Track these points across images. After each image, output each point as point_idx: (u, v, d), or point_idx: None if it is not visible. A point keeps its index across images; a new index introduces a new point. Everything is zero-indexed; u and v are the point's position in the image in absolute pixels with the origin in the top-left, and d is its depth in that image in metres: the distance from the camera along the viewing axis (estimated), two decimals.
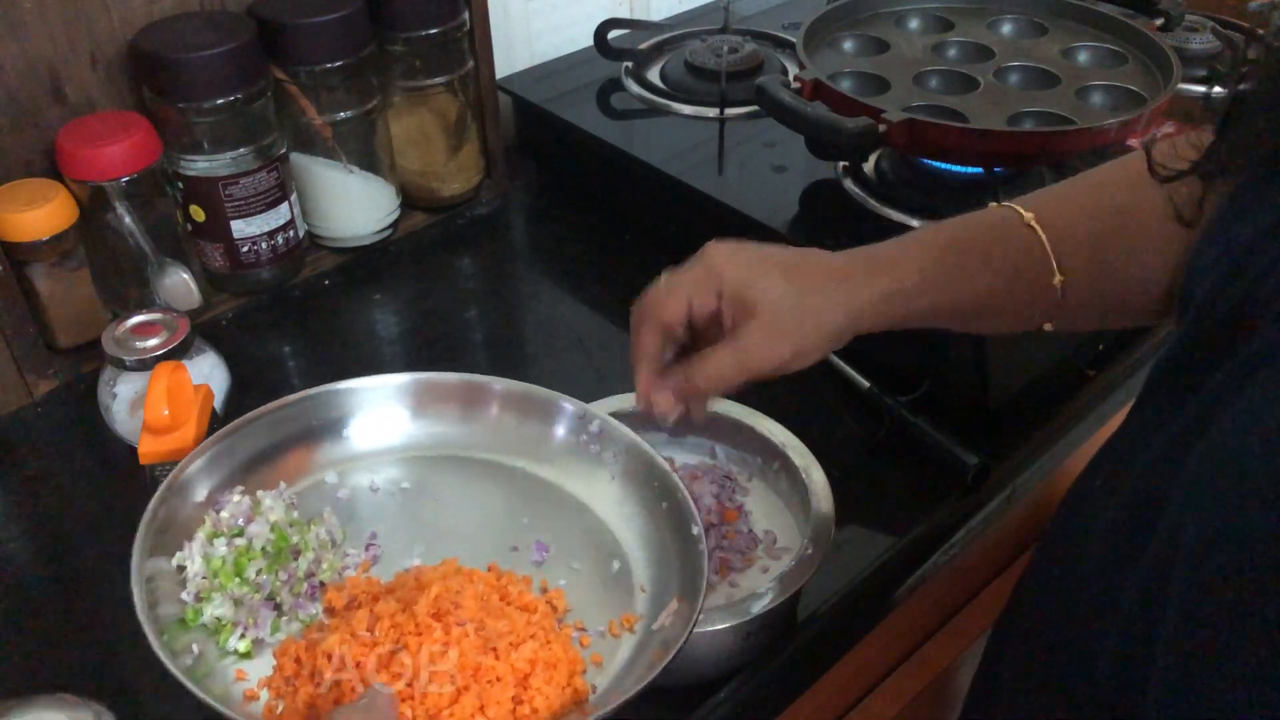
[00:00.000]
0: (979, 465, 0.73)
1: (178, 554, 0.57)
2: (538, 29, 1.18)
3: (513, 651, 0.53)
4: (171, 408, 0.64)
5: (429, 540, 0.62)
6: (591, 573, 0.61)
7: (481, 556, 0.61)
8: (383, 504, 0.64)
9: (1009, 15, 0.98)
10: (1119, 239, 0.61)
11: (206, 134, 0.84)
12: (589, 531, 0.63)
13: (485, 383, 0.67)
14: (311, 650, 0.53)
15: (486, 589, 0.57)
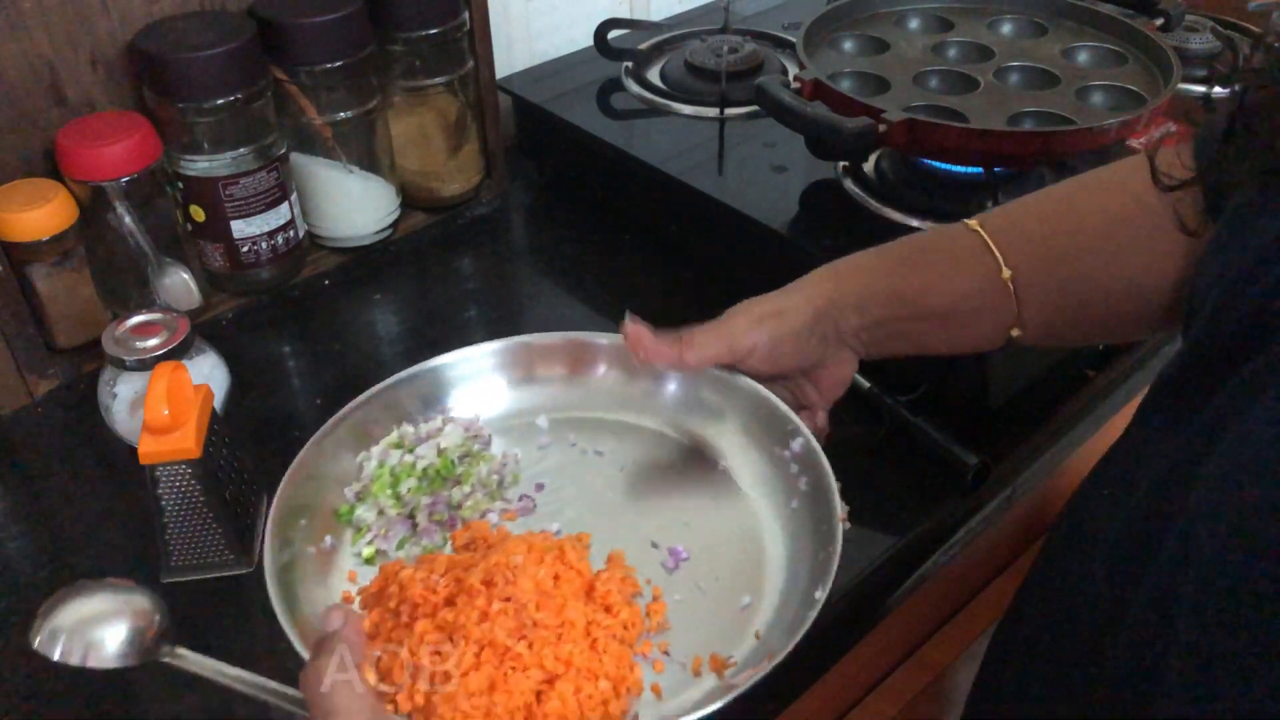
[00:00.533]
0: (979, 465, 0.73)
1: (361, 453, 0.63)
2: (538, 29, 1.18)
3: (549, 647, 0.50)
4: (171, 408, 0.64)
5: (582, 508, 0.62)
6: (715, 599, 0.58)
7: (618, 541, 0.60)
8: (564, 463, 0.65)
9: (1009, 15, 0.98)
10: (1073, 238, 0.62)
11: (206, 134, 0.84)
12: (741, 553, 0.60)
13: None
14: (396, 577, 0.54)
15: (549, 574, 0.53)
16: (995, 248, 0.61)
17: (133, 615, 0.51)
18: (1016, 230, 0.63)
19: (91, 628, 0.50)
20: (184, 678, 0.64)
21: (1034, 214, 0.64)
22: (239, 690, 0.50)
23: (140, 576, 0.70)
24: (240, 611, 0.67)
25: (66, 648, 0.49)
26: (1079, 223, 0.62)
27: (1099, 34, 0.95)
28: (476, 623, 0.50)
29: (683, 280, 0.94)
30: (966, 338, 0.64)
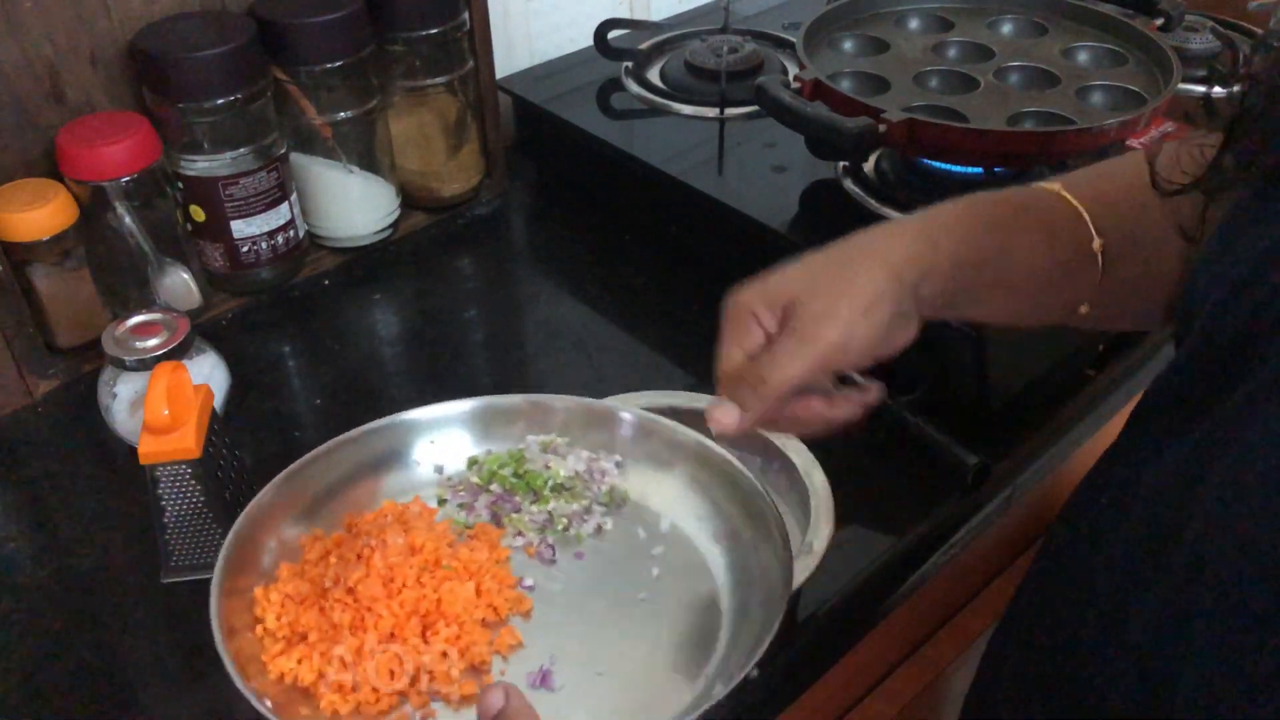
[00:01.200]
0: (979, 465, 0.73)
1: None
2: (538, 29, 1.18)
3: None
4: (171, 408, 0.64)
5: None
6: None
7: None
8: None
9: (1009, 15, 0.98)
10: (1148, 218, 0.59)
11: (206, 134, 0.84)
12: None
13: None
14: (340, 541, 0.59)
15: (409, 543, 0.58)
16: (1089, 217, 0.58)
17: None
18: (1103, 202, 0.59)
19: None
20: (186, 675, 0.64)
21: (1115, 188, 0.61)
22: None
23: (140, 576, 0.70)
24: None
25: None
26: (1151, 198, 0.58)
27: (1099, 34, 0.95)
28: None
29: (683, 280, 0.94)
30: (1037, 309, 0.61)
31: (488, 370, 0.89)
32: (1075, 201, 0.59)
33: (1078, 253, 0.58)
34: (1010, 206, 0.59)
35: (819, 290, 0.53)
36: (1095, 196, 0.60)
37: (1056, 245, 0.58)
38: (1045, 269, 0.58)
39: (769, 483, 0.70)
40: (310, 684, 0.53)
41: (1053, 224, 0.58)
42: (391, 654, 0.53)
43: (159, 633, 0.68)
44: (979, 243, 0.56)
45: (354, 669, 0.53)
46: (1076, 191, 0.59)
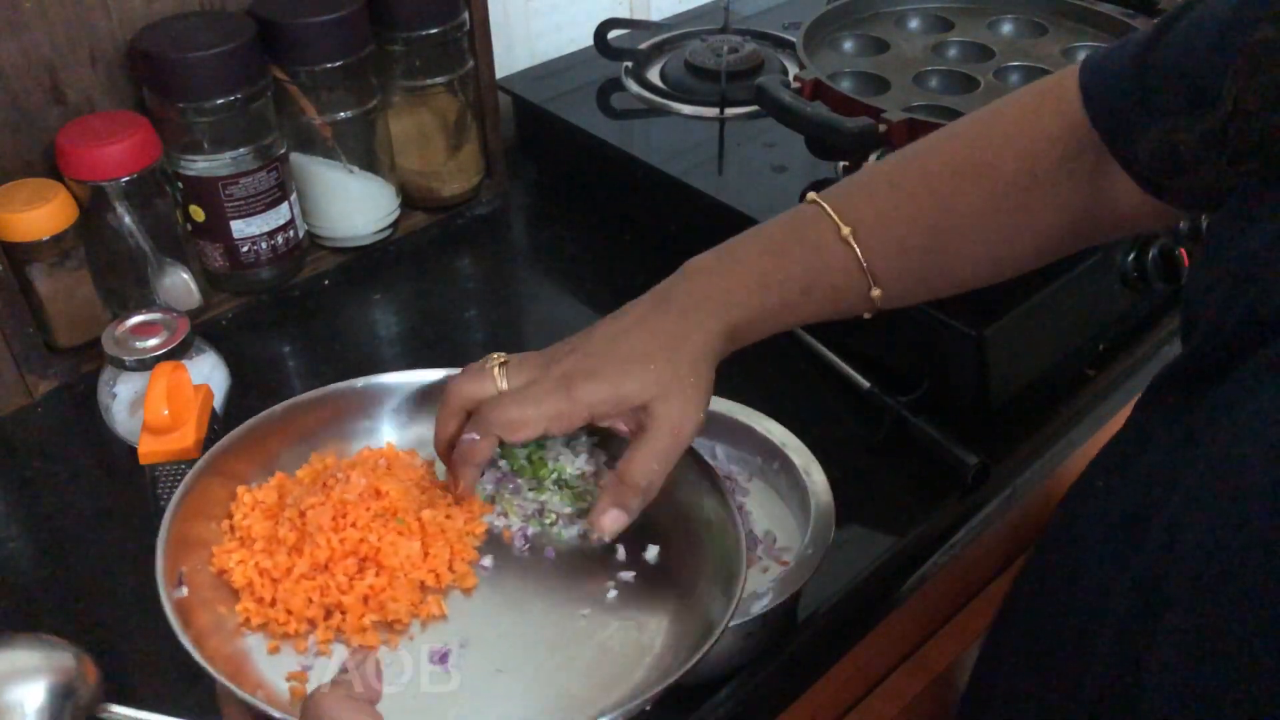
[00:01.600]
0: (979, 465, 0.73)
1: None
2: (538, 29, 1.18)
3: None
4: (171, 408, 0.64)
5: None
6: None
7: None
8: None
9: (1009, 15, 0.98)
10: (943, 239, 0.63)
11: (206, 134, 0.84)
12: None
13: None
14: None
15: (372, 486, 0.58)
16: (868, 270, 0.61)
17: (53, 673, 0.48)
18: (890, 244, 0.62)
19: (6, 685, 0.47)
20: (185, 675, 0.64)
21: (907, 215, 0.62)
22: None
23: (140, 576, 0.70)
24: None
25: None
26: (954, 220, 0.62)
27: (1099, 34, 0.95)
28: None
29: None
30: (830, 310, 0.64)
31: None
32: (859, 252, 0.61)
33: (859, 296, 0.62)
34: (797, 286, 0.61)
35: (670, 393, 0.56)
36: (881, 242, 0.61)
37: (838, 303, 0.63)
38: (829, 316, 0.64)
39: (769, 482, 0.70)
40: (239, 587, 0.54)
41: (838, 288, 0.62)
42: (315, 583, 0.54)
43: (159, 632, 0.67)
44: (773, 321, 0.62)
45: (276, 586, 0.54)
46: (863, 237, 0.61)
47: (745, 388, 0.75)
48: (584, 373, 0.56)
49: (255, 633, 0.54)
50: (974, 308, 0.75)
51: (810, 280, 0.61)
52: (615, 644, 0.54)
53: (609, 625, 0.55)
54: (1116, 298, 0.83)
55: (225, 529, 0.57)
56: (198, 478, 0.57)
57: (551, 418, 0.56)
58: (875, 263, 0.61)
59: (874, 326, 0.81)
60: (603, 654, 0.54)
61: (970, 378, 0.76)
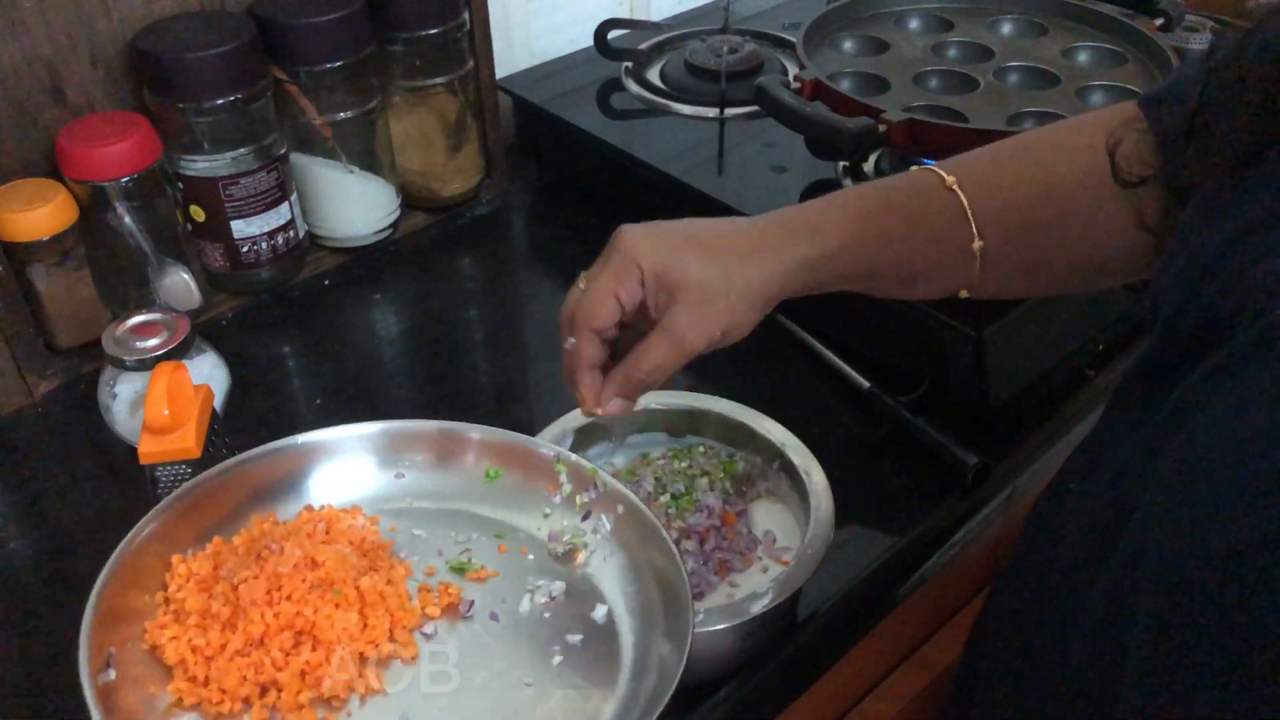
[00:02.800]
0: (979, 465, 0.73)
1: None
2: (538, 29, 1.18)
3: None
4: (171, 408, 0.64)
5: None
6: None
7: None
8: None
9: (1009, 15, 0.98)
10: (1045, 205, 0.62)
11: (206, 134, 0.84)
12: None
13: (461, 431, 0.63)
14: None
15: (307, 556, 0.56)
16: (972, 217, 0.60)
17: None
18: (994, 197, 0.61)
19: None
20: None
21: (1011, 175, 0.63)
22: None
23: None
24: None
25: None
26: (1052, 187, 0.62)
27: (1099, 34, 0.95)
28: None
29: None
30: (913, 294, 0.64)
31: (487, 370, 0.89)
32: (964, 199, 0.60)
33: (960, 252, 0.61)
34: (899, 217, 0.61)
35: (702, 299, 0.56)
36: (987, 192, 0.61)
37: (937, 249, 0.61)
38: (924, 270, 0.62)
39: (770, 484, 0.70)
40: (172, 664, 0.53)
41: (938, 229, 0.61)
42: (249, 660, 0.52)
43: None
44: (863, 257, 0.60)
45: (209, 664, 0.52)
46: (969, 187, 0.61)
47: (745, 388, 0.75)
48: (637, 238, 0.57)
49: (188, 713, 0.52)
50: (974, 308, 0.75)
51: (911, 210, 0.61)
52: (559, 716, 0.53)
53: (552, 696, 0.54)
54: (1116, 298, 0.83)
55: (160, 601, 0.56)
56: (131, 545, 0.55)
57: (613, 285, 0.56)
58: (979, 212, 0.60)
59: (874, 326, 0.81)
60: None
61: (970, 378, 0.76)
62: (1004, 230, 0.61)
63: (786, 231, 0.59)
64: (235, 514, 0.60)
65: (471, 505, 0.63)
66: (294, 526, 0.59)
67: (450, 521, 0.62)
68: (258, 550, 0.56)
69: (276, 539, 0.57)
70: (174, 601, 0.55)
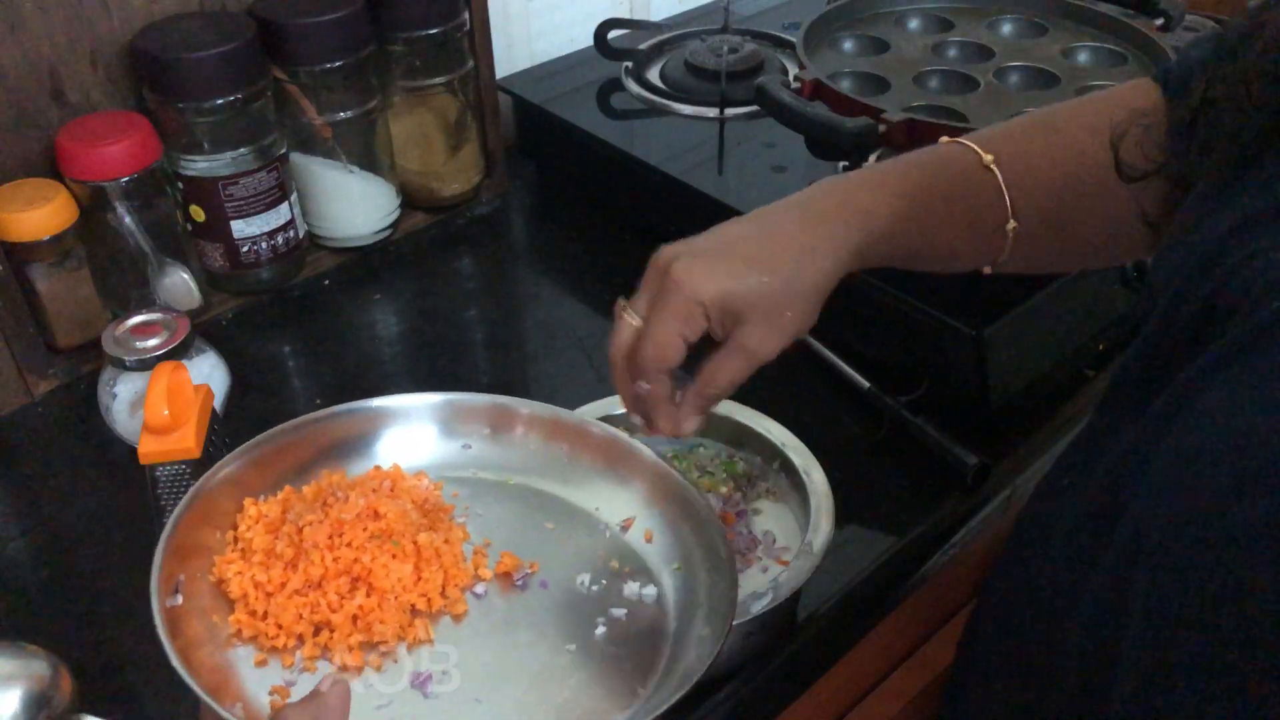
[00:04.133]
0: (979, 465, 0.73)
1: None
2: (538, 29, 1.18)
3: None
4: (171, 408, 0.64)
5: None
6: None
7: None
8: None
9: (1009, 15, 0.98)
10: (1076, 185, 0.61)
11: (206, 134, 0.84)
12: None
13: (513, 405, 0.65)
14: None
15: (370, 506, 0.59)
16: (1009, 200, 0.60)
17: (28, 680, 0.47)
18: (1029, 178, 0.61)
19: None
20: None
21: (1044, 157, 0.62)
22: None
23: (140, 576, 0.70)
24: None
25: None
26: (1082, 169, 0.61)
27: (1099, 34, 0.95)
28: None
29: None
30: (945, 270, 0.64)
31: (487, 370, 0.89)
32: (1002, 181, 0.60)
33: (995, 232, 0.61)
34: (941, 198, 0.61)
35: (769, 309, 0.55)
36: (1023, 173, 0.61)
37: (975, 230, 0.61)
38: (961, 250, 0.62)
39: (770, 484, 0.70)
40: (235, 598, 0.55)
41: (977, 211, 0.61)
42: (307, 600, 0.54)
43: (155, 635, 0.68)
44: (909, 240, 0.60)
45: (269, 600, 0.54)
46: (1005, 167, 0.60)
47: (745, 387, 0.75)
48: (694, 269, 0.55)
49: (245, 645, 0.54)
50: (974, 308, 0.75)
51: (952, 191, 0.60)
52: (597, 683, 0.54)
53: (592, 664, 0.55)
54: (1116, 298, 0.83)
55: (229, 539, 0.58)
56: (207, 485, 0.57)
57: (678, 326, 0.55)
58: (1015, 194, 0.60)
59: (874, 326, 0.81)
60: (581, 693, 0.53)
61: (970, 378, 0.76)
62: (1038, 212, 0.61)
63: (837, 222, 0.58)
64: (306, 467, 0.62)
65: (534, 480, 0.64)
66: (360, 481, 0.61)
67: (511, 493, 0.64)
68: (324, 499, 0.59)
69: (343, 490, 0.59)
70: (242, 540, 0.57)
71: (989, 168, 0.60)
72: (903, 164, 0.62)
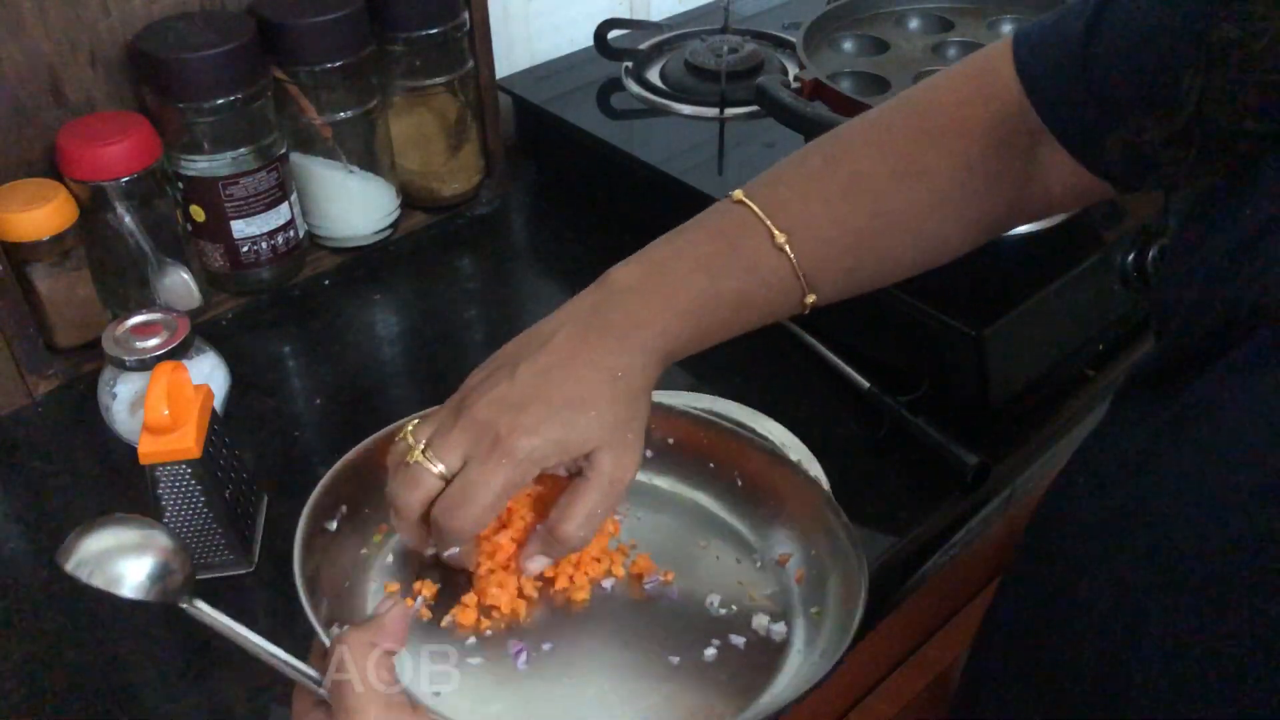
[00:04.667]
0: (979, 465, 0.73)
1: None
2: (538, 29, 1.18)
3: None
4: (171, 408, 0.64)
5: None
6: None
7: None
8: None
9: (1009, 15, 0.98)
10: (877, 240, 0.61)
11: (206, 134, 0.84)
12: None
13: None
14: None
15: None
16: (803, 277, 0.59)
17: (157, 551, 0.48)
18: (824, 250, 0.60)
19: (117, 557, 0.47)
20: (186, 675, 0.64)
21: (841, 223, 0.61)
22: (250, 651, 0.49)
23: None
24: (240, 612, 0.67)
25: (89, 572, 0.46)
26: (882, 222, 0.61)
27: None
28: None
29: None
30: (761, 320, 0.62)
31: None
32: (793, 258, 0.59)
33: (794, 305, 0.60)
34: (730, 304, 0.58)
35: (613, 441, 0.53)
36: (817, 247, 0.60)
37: (772, 315, 0.61)
38: (760, 324, 0.61)
39: None
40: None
41: (773, 303, 0.60)
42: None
43: (159, 633, 0.68)
44: (704, 342, 0.59)
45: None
46: (799, 243, 0.59)
47: (745, 388, 0.75)
48: (522, 429, 0.51)
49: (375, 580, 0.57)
50: (974, 308, 0.75)
51: (746, 295, 0.59)
52: (686, 699, 0.53)
53: (690, 681, 0.54)
54: (1116, 298, 0.83)
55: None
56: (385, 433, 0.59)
57: (505, 494, 0.51)
58: (809, 269, 0.59)
59: (874, 326, 0.81)
60: (666, 705, 0.52)
61: (970, 378, 0.76)
62: (834, 281, 0.61)
63: (634, 343, 0.55)
64: None
65: (703, 498, 0.64)
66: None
67: (676, 506, 0.64)
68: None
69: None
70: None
71: (781, 248, 0.58)
72: (691, 265, 0.58)
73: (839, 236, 0.60)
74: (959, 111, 0.62)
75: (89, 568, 0.46)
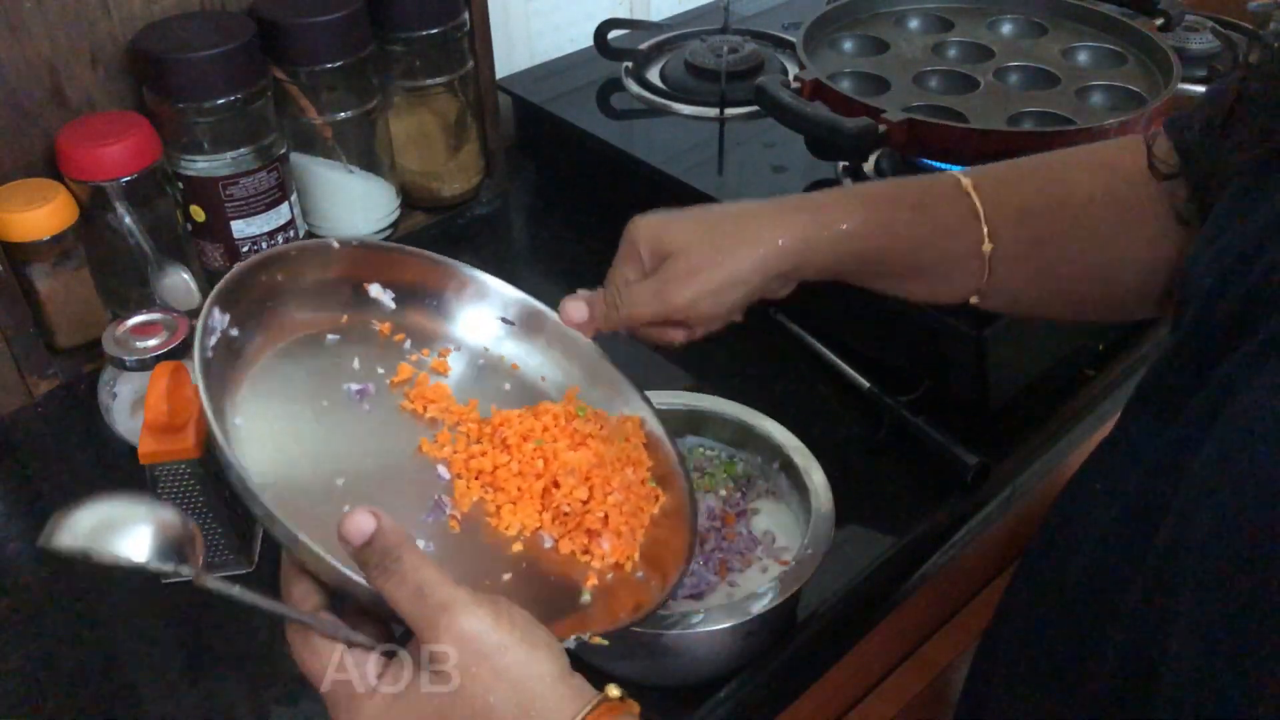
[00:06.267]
0: (979, 465, 0.73)
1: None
2: (538, 29, 1.18)
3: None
4: (171, 408, 0.64)
5: None
6: None
7: None
8: None
9: (1009, 15, 0.98)
10: (1058, 216, 0.62)
11: (206, 134, 0.84)
12: None
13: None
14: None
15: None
16: (984, 219, 0.61)
17: (159, 525, 0.44)
18: (1008, 203, 0.62)
19: (115, 527, 0.44)
20: (186, 675, 0.64)
21: (1028, 184, 0.63)
22: (275, 613, 0.48)
23: (140, 577, 0.70)
24: (241, 612, 0.67)
25: (84, 540, 0.42)
26: (1068, 198, 0.62)
27: (1099, 34, 0.95)
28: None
29: None
30: (922, 295, 0.64)
31: None
32: (977, 200, 0.61)
33: (969, 253, 0.61)
34: (908, 207, 0.62)
35: (692, 256, 0.59)
36: (1001, 197, 0.61)
37: (948, 244, 0.61)
38: (931, 265, 0.62)
39: (770, 484, 0.70)
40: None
41: (949, 224, 0.61)
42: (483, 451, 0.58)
43: (159, 633, 0.68)
44: (871, 238, 0.60)
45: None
46: (984, 189, 0.61)
47: (745, 388, 0.75)
48: (646, 217, 0.61)
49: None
50: (974, 308, 0.75)
51: (923, 200, 0.61)
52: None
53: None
54: None
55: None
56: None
57: (618, 267, 0.62)
58: (992, 214, 0.61)
59: (874, 327, 0.81)
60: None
61: (970, 378, 0.76)
62: (1015, 236, 0.61)
63: (791, 207, 0.60)
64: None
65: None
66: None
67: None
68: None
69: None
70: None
71: (966, 190, 0.61)
72: (879, 181, 0.63)
73: (1024, 195, 0.62)
74: (1120, 149, 0.63)
75: (90, 539, 0.43)
